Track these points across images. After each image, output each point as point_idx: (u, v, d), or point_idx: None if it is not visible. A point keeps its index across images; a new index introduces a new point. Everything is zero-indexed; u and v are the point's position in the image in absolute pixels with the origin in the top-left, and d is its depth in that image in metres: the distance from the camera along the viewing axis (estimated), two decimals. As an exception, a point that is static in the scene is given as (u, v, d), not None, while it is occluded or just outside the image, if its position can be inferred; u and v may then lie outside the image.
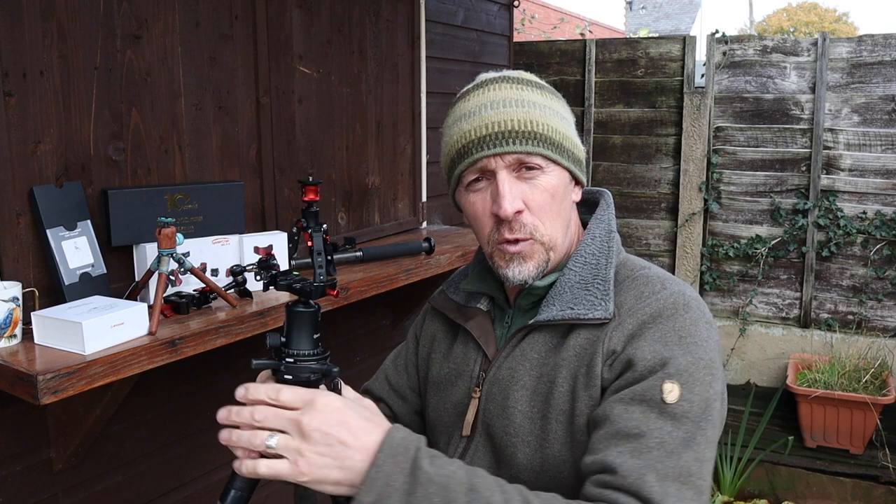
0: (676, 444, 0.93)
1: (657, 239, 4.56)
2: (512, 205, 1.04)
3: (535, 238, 1.07)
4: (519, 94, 1.07)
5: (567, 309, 1.06)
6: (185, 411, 2.05)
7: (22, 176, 1.58)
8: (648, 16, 21.93)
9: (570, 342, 1.06)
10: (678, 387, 0.96)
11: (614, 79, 4.53)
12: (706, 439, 0.96)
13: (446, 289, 1.27)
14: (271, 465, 0.86)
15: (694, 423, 0.95)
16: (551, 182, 1.06)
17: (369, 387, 1.37)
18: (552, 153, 1.06)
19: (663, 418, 0.95)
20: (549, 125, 1.06)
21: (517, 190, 1.05)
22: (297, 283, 0.93)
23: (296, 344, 0.91)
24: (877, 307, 4.10)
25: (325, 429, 0.85)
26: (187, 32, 1.91)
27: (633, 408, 0.96)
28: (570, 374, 1.05)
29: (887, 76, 3.96)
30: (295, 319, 0.92)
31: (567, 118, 1.12)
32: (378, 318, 2.82)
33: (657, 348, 0.99)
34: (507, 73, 1.11)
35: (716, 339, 1.03)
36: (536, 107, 1.06)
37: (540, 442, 1.07)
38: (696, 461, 0.94)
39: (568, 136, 1.09)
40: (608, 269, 1.09)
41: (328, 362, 0.93)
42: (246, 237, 1.90)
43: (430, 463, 0.87)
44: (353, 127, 2.56)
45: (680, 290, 1.06)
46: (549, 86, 1.14)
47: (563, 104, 1.13)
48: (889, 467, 3.34)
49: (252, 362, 0.91)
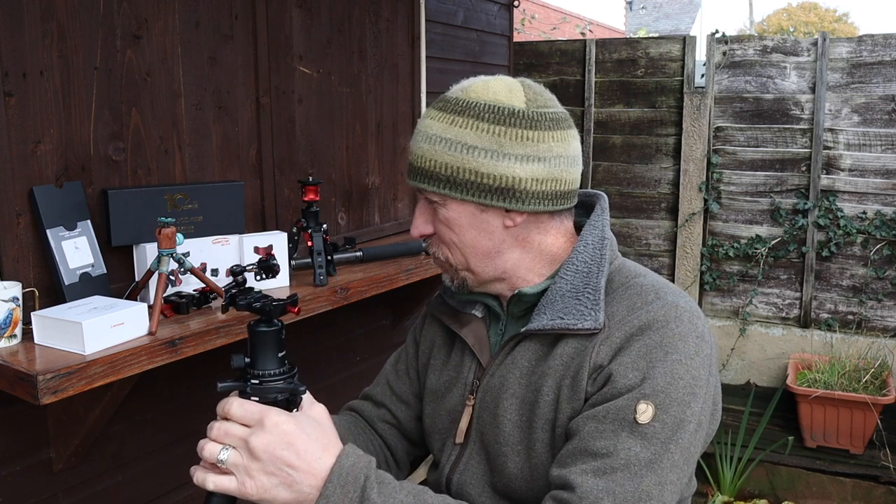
0: (641, 465, 0.94)
1: (657, 239, 4.56)
2: (416, 229, 1.13)
3: (442, 260, 1.14)
4: (426, 126, 1.08)
5: (557, 318, 1.05)
6: (185, 411, 2.05)
7: (22, 176, 1.58)
8: (648, 16, 21.92)
9: (558, 351, 1.06)
10: (652, 407, 0.96)
11: (614, 79, 4.53)
12: (672, 463, 0.95)
13: (443, 293, 1.27)
14: (218, 480, 0.87)
15: (662, 445, 0.95)
16: (448, 215, 1.09)
17: (370, 392, 1.37)
18: (439, 189, 1.07)
19: (633, 438, 0.95)
20: (436, 161, 1.06)
21: (428, 215, 1.12)
22: (256, 302, 0.90)
23: (261, 364, 0.89)
24: (877, 307, 4.10)
25: (273, 450, 0.85)
26: (187, 32, 1.91)
27: (605, 426, 0.96)
28: (555, 383, 1.05)
29: (887, 76, 3.96)
30: (258, 339, 0.89)
31: (477, 146, 1.03)
32: (378, 318, 2.82)
33: (640, 364, 0.98)
34: (450, 93, 1.10)
35: (706, 354, 1.02)
36: (434, 141, 1.06)
37: (528, 451, 1.07)
38: (658, 485, 0.94)
39: (468, 169, 1.04)
40: (599, 277, 1.07)
41: (295, 380, 0.91)
42: (246, 237, 1.90)
43: (378, 492, 0.87)
44: (353, 127, 2.56)
45: (673, 302, 1.04)
46: (482, 103, 1.05)
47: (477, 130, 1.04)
48: (889, 467, 3.34)
49: (217, 385, 0.90)
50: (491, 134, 1.04)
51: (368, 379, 1.41)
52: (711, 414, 1.05)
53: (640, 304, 1.04)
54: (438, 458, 1.21)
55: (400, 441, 1.33)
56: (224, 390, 0.90)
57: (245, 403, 0.88)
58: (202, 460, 0.89)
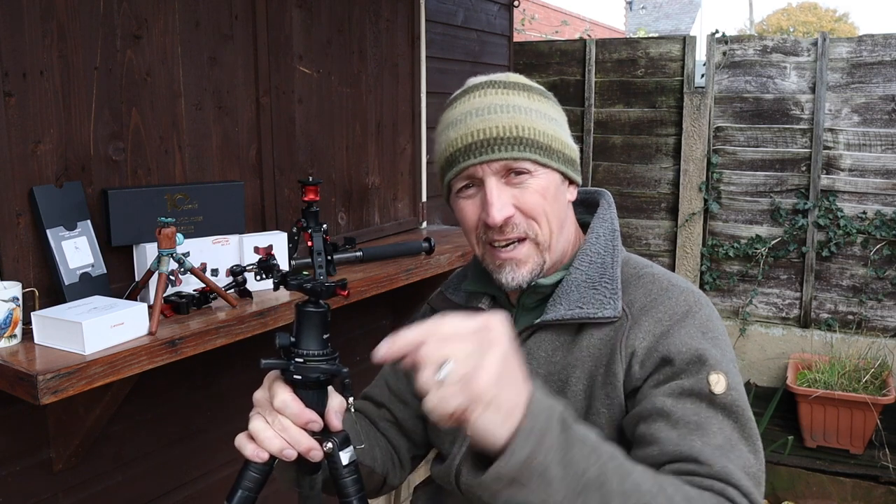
0: (736, 437, 0.95)
1: (657, 239, 4.56)
2: (500, 212, 1.04)
3: (529, 237, 1.08)
4: (504, 100, 1.06)
5: (575, 308, 1.06)
6: (185, 411, 2.05)
7: (22, 176, 1.58)
8: (648, 16, 21.92)
9: (584, 342, 1.07)
10: (723, 377, 0.98)
11: (614, 79, 4.53)
12: (753, 432, 0.98)
13: (445, 290, 1.27)
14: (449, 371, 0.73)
15: (743, 415, 0.97)
16: (541, 184, 1.06)
17: (369, 392, 1.36)
18: (540, 156, 1.06)
19: (714, 409, 0.96)
20: (535, 129, 1.06)
21: (506, 196, 1.06)
22: (307, 283, 0.93)
23: (305, 344, 0.91)
24: (877, 307, 4.10)
25: (507, 349, 0.75)
26: (187, 32, 1.91)
27: (685, 400, 0.97)
28: (586, 373, 1.05)
29: (887, 76, 3.96)
30: (304, 319, 0.92)
31: (557, 119, 1.11)
32: (378, 318, 2.82)
33: (691, 343, 1.01)
34: (494, 77, 1.10)
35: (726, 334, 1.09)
36: (522, 111, 1.06)
37: None
38: (753, 453, 0.95)
39: (557, 138, 1.09)
40: (615, 267, 1.10)
41: (337, 363, 0.93)
42: (246, 237, 1.90)
43: (575, 421, 0.81)
44: (353, 127, 2.56)
45: (689, 288, 1.09)
46: (538, 86, 1.13)
47: (551, 105, 1.12)
48: (889, 467, 3.34)
49: (261, 362, 0.91)
50: (558, 110, 1.13)
51: (368, 379, 1.41)
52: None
53: (659, 291, 1.08)
54: (448, 451, 1.21)
55: (401, 440, 1.33)
56: (267, 367, 0.92)
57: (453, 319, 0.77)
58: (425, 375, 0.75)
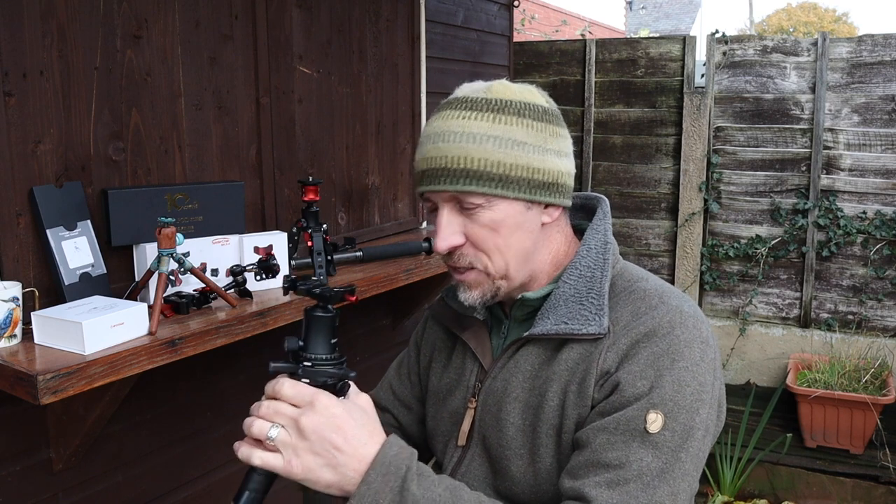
0: (653, 476, 0.94)
1: (657, 239, 4.56)
2: (444, 242, 1.04)
3: (478, 268, 1.07)
4: (461, 125, 1.02)
5: (561, 323, 1.05)
6: (185, 411, 2.05)
7: (22, 176, 1.58)
8: (648, 16, 21.92)
9: (563, 356, 1.05)
10: (661, 416, 0.96)
11: (614, 79, 4.53)
12: (683, 471, 0.96)
13: (445, 296, 1.26)
14: (265, 457, 0.88)
15: (673, 454, 0.95)
16: (493, 217, 1.03)
17: (374, 396, 1.37)
18: (490, 189, 1.01)
19: (644, 447, 0.95)
20: (486, 160, 1.01)
21: (456, 224, 1.05)
22: (316, 288, 0.93)
23: (313, 348, 0.92)
24: (877, 307, 4.10)
25: (322, 432, 0.86)
26: (187, 32, 1.91)
27: (616, 437, 0.96)
28: (561, 388, 1.04)
29: (887, 76, 3.96)
30: (313, 324, 0.92)
31: (526, 142, 1.03)
32: (378, 318, 2.82)
33: (647, 373, 0.98)
34: (468, 94, 1.05)
35: (711, 358, 1.02)
36: (475, 139, 1.01)
37: (531, 455, 1.06)
38: (671, 495, 0.94)
39: (518, 165, 1.02)
40: (603, 282, 1.07)
41: (344, 367, 0.94)
42: (246, 237, 1.90)
43: (417, 484, 0.88)
44: (353, 127, 2.56)
45: (677, 306, 1.04)
46: (516, 102, 1.04)
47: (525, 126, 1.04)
48: (889, 467, 3.34)
49: (270, 365, 0.92)
50: (536, 130, 1.04)
51: (368, 379, 1.41)
52: (717, 417, 1.06)
53: (645, 309, 1.04)
54: (441, 460, 1.21)
55: None
56: (276, 370, 0.93)
57: (297, 384, 0.90)
58: (247, 437, 0.90)
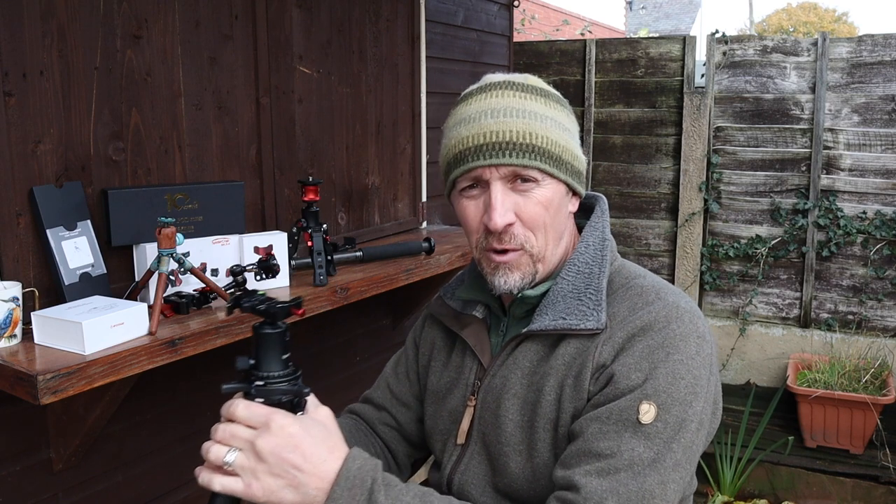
0: (644, 465, 0.94)
1: (657, 239, 4.56)
2: (503, 218, 1.03)
3: (525, 249, 1.06)
4: (521, 104, 1.04)
5: (559, 319, 1.05)
6: (185, 411, 2.05)
7: (22, 176, 1.58)
8: (648, 16, 21.92)
9: (560, 351, 1.06)
10: (654, 408, 0.96)
11: (614, 79, 4.53)
12: (674, 462, 0.96)
13: (444, 294, 1.26)
14: (224, 482, 0.87)
15: (665, 445, 0.96)
16: (546, 195, 1.05)
17: (370, 395, 1.37)
18: (549, 167, 1.04)
19: (636, 438, 0.95)
20: (548, 138, 1.04)
21: (510, 202, 1.04)
22: (261, 305, 0.90)
23: (265, 366, 0.89)
24: (877, 307, 4.10)
25: (279, 453, 0.85)
26: (187, 32, 1.91)
27: (608, 427, 0.96)
28: (558, 383, 1.05)
29: (887, 76, 3.96)
30: (262, 341, 0.90)
31: (570, 129, 1.09)
32: (378, 318, 2.82)
33: (642, 365, 0.98)
34: (513, 79, 1.08)
35: (707, 353, 1.02)
36: (537, 118, 1.04)
37: (529, 451, 1.07)
38: (661, 484, 0.94)
39: (568, 149, 1.07)
40: (601, 278, 1.08)
41: (299, 382, 0.91)
42: (246, 237, 1.90)
43: (385, 495, 0.88)
44: (353, 127, 2.56)
45: (674, 302, 1.04)
46: (555, 93, 1.11)
47: (567, 114, 1.10)
48: (889, 467, 3.34)
49: (222, 387, 0.90)
50: (572, 120, 1.11)
51: (368, 379, 1.41)
52: (712, 413, 1.06)
53: (642, 305, 1.04)
54: (440, 458, 1.21)
55: (401, 444, 1.33)
56: (229, 392, 0.90)
57: (250, 405, 0.88)
58: (207, 461, 0.89)
